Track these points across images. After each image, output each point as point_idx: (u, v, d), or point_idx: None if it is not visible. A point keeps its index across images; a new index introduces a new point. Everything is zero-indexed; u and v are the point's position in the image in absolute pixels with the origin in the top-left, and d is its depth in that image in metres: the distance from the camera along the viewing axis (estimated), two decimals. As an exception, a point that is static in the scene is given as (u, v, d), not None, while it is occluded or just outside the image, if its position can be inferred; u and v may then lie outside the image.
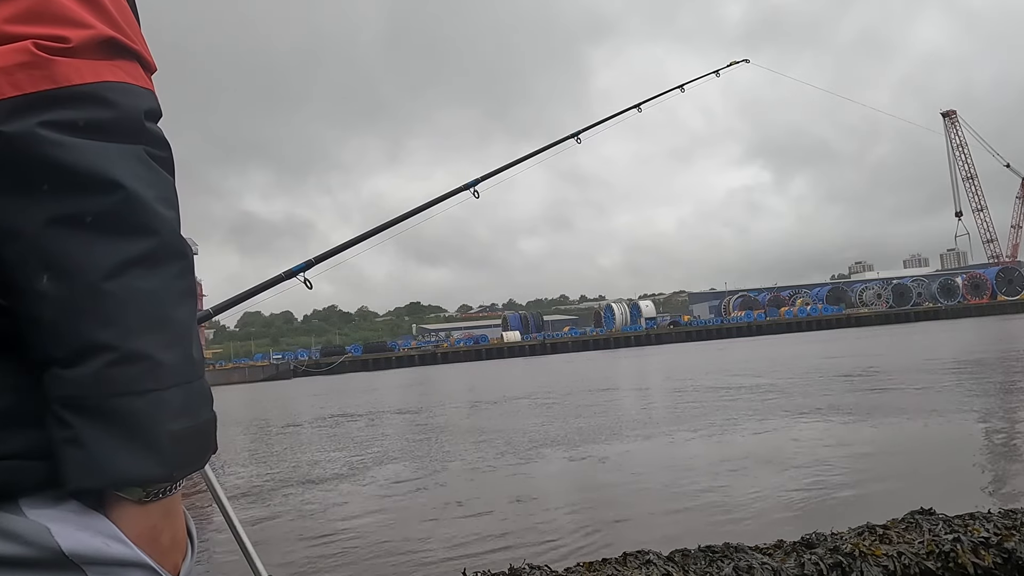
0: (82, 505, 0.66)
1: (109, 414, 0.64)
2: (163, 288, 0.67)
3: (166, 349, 0.66)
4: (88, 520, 0.66)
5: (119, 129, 0.66)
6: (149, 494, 0.67)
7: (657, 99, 4.44)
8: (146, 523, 0.68)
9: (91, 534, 0.65)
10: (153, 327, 0.66)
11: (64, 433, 0.64)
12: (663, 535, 5.34)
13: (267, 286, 2.60)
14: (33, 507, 0.64)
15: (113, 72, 0.67)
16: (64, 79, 0.63)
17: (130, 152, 0.66)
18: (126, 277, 0.65)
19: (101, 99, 0.65)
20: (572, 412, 15.15)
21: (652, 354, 49.76)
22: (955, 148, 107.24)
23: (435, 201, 3.25)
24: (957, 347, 26.18)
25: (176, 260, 0.69)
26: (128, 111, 0.67)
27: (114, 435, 0.64)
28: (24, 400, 0.65)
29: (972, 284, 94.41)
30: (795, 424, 10.84)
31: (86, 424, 0.64)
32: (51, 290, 0.63)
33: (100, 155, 0.64)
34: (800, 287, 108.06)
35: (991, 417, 10.19)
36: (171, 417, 0.66)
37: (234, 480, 9.94)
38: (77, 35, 0.65)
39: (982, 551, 3.25)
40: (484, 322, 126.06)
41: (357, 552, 6.00)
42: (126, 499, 0.67)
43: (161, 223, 0.67)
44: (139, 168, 0.67)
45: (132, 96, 0.68)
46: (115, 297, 0.64)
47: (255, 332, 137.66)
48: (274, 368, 76.20)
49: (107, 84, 0.66)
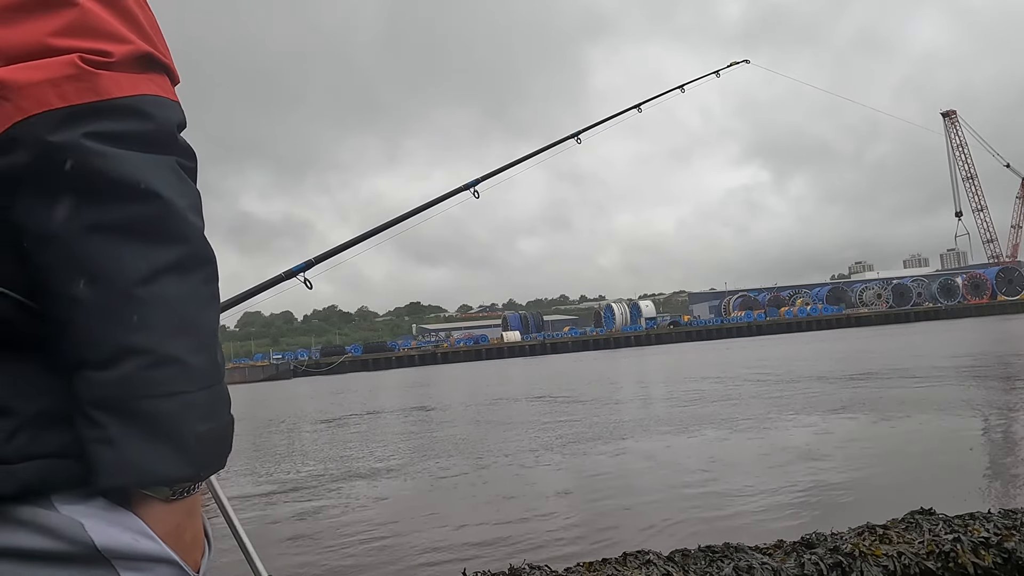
0: (109, 502, 0.68)
1: (141, 415, 0.66)
2: (192, 294, 0.70)
3: (195, 353, 0.69)
4: (118, 516, 0.68)
5: (155, 141, 0.69)
6: (175, 492, 0.70)
7: (657, 99, 4.44)
8: (172, 521, 0.70)
9: (121, 530, 0.67)
10: (184, 331, 0.68)
11: (96, 433, 0.66)
12: (663, 535, 5.35)
13: (267, 286, 2.60)
14: (65, 503, 0.66)
15: (149, 86, 0.70)
16: (107, 92, 0.66)
17: (165, 163, 0.69)
18: (159, 283, 0.67)
19: (140, 112, 0.68)
20: (572, 412, 15.15)
21: (652, 354, 49.75)
22: (955, 148, 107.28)
23: (435, 201, 3.25)
24: (957, 347, 26.16)
25: (204, 267, 0.71)
26: (163, 123, 0.70)
27: (145, 435, 0.66)
28: (56, 401, 0.67)
29: (972, 284, 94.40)
30: (795, 424, 10.84)
31: (118, 424, 0.66)
32: (87, 295, 0.65)
33: (140, 165, 0.67)
34: (800, 287, 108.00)
35: (991, 417, 10.19)
36: (198, 419, 0.69)
37: (234, 480, 9.94)
38: (119, 50, 0.68)
39: (982, 551, 3.25)
40: (484, 322, 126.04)
41: (357, 552, 6.00)
42: (153, 497, 0.69)
43: (192, 231, 0.70)
44: (173, 178, 0.69)
45: (166, 109, 0.71)
46: (149, 302, 0.66)
47: (255, 332, 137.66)
48: (274, 368, 76.20)
49: (145, 97, 0.69)
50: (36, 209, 0.65)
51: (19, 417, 0.65)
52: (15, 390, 0.66)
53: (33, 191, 0.65)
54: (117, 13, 0.70)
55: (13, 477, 0.63)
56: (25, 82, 0.64)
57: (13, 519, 0.64)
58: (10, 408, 0.65)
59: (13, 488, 0.63)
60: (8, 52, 0.65)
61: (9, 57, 0.65)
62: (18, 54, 0.65)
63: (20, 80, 0.64)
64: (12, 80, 0.64)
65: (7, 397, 0.65)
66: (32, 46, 0.65)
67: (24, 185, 0.65)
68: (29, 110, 0.64)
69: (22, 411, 0.65)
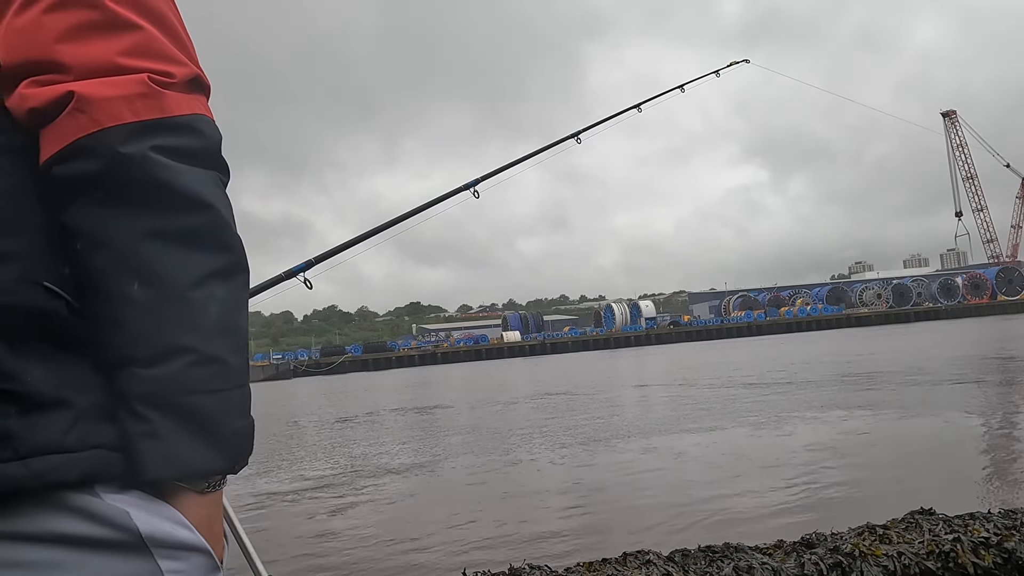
0: (145, 493, 0.71)
1: (185, 410, 0.71)
2: (234, 298, 0.76)
3: (234, 353, 0.74)
4: (156, 507, 0.71)
5: (206, 156, 0.75)
6: (210, 484, 0.74)
7: (657, 99, 4.45)
8: (205, 512, 0.74)
9: (162, 519, 0.71)
10: (225, 333, 0.74)
11: (142, 427, 0.70)
12: (663, 535, 5.35)
13: (267, 286, 2.60)
14: (108, 493, 0.69)
15: (200, 106, 0.77)
16: (171, 110, 0.73)
17: (213, 177, 0.76)
18: (208, 287, 0.73)
19: (195, 129, 0.75)
20: (571, 412, 15.15)
21: (653, 354, 49.75)
22: (955, 148, 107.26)
23: (435, 201, 3.25)
24: (957, 347, 26.17)
25: (243, 274, 0.78)
26: (212, 141, 0.77)
27: (189, 430, 0.71)
28: (103, 396, 0.71)
29: (972, 284, 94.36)
30: (795, 424, 10.84)
31: (164, 419, 0.70)
32: (141, 296, 0.70)
33: (195, 178, 0.73)
34: (800, 287, 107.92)
35: (992, 417, 10.19)
36: (235, 415, 0.74)
37: (233, 480, 9.93)
38: (179, 72, 0.75)
39: (982, 551, 3.25)
40: (484, 322, 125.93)
41: (357, 553, 6.00)
42: (189, 489, 0.73)
43: (235, 240, 0.77)
44: (219, 191, 0.76)
45: (213, 128, 0.77)
46: (198, 305, 0.72)
47: (255, 332, 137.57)
48: (274, 368, 76.11)
49: (198, 116, 0.76)
50: (99, 213, 0.70)
51: (77, 408, 0.69)
52: (72, 384, 0.69)
53: (98, 197, 0.70)
54: (173, 37, 0.77)
55: (76, 465, 0.67)
56: (102, 96, 0.70)
57: (65, 506, 0.67)
58: (70, 400, 0.68)
59: (76, 475, 0.67)
60: (78, 68, 0.70)
61: (79, 73, 0.70)
62: (89, 70, 0.71)
63: (97, 94, 0.70)
64: (90, 94, 0.70)
65: (66, 389, 0.68)
66: (103, 63, 0.71)
67: (87, 191, 0.70)
68: (104, 123, 0.69)
69: (79, 403, 0.69)
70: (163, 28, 0.76)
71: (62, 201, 0.70)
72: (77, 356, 0.71)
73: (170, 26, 0.77)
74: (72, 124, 0.69)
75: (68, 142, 0.69)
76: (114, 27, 0.72)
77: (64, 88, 0.69)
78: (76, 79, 0.70)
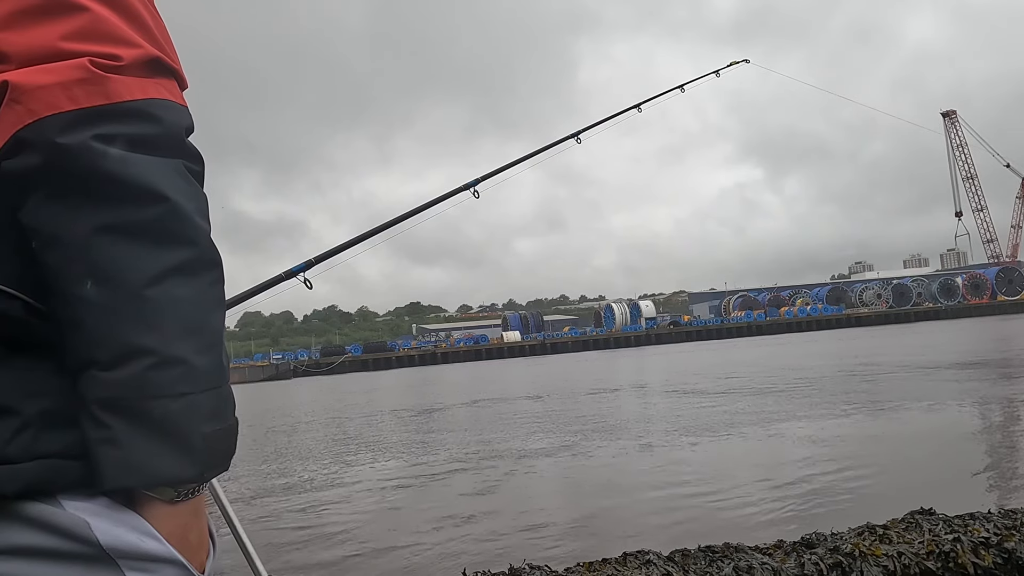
0: (114, 502, 0.68)
1: (147, 415, 0.66)
2: (199, 296, 0.70)
3: (201, 354, 0.69)
4: (123, 516, 0.68)
5: (163, 144, 0.70)
6: (180, 494, 0.70)
7: (657, 99, 4.44)
8: (177, 522, 0.70)
9: (127, 530, 0.67)
10: (190, 333, 0.69)
11: (101, 433, 0.66)
12: (663, 535, 5.34)
13: (267, 286, 2.60)
14: (71, 502, 0.66)
15: (157, 90, 0.71)
16: (116, 95, 0.67)
17: (172, 166, 0.70)
18: (166, 285, 0.67)
19: (148, 115, 0.69)
20: (571, 412, 15.15)
21: (653, 354, 49.74)
22: (955, 148, 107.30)
23: (435, 201, 3.25)
24: (957, 347, 26.16)
25: (211, 269, 0.72)
26: (171, 127, 0.71)
27: (151, 436, 0.66)
28: (61, 402, 0.67)
29: (972, 284, 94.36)
30: (795, 424, 10.84)
31: (124, 425, 0.66)
32: (95, 295, 0.65)
33: (147, 168, 0.67)
34: (800, 287, 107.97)
35: (992, 417, 10.19)
36: (204, 420, 0.69)
37: (234, 481, 9.94)
38: (128, 54, 0.69)
39: (982, 551, 3.25)
40: (484, 322, 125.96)
41: (357, 553, 6.00)
42: (157, 498, 0.69)
43: (199, 234, 0.71)
44: (180, 181, 0.70)
45: (174, 113, 0.72)
46: (156, 304, 0.67)
47: (255, 332, 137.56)
48: (274, 368, 76.11)
49: (153, 101, 0.70)
50: (45, 210, 0.65)
51: (22, 417, 0.65)
52: (20, 390, 0.66)
53: (43, 192, 0.65)
54: (127, 18, 0.71)
55: (17, 476, 0.64)
56: (36, 85, 0.65)
57: (19, 517, 0.64)
58: (13, 408, 0.65)
59: (17, 487, 0.64)
60: (19, 56, 0.66)
61: (20, 61, 0.66)
62: (29, 58, 0.66)
63: (31, 83, 0.65)
64: (23, 83, 0.65)
65: (11, 397, 0.65)
66: (43, 50, 0.66)
67: (34, 186, 0.65)
68: (39, 112, 0.64)
69: (25, 411, 0.66)
70: (116, 8, 0.71)
71: (16, 199, 0.66)
72: (33, 360, 0.67)
73: (125, 5, 0.72)
74: (10, 116, 0.65)
75: (8, 136, 0.65)
76: (55, 10, 0.67)
77: (1, 78, 0.65)
78: (17, 67, 0.65)
